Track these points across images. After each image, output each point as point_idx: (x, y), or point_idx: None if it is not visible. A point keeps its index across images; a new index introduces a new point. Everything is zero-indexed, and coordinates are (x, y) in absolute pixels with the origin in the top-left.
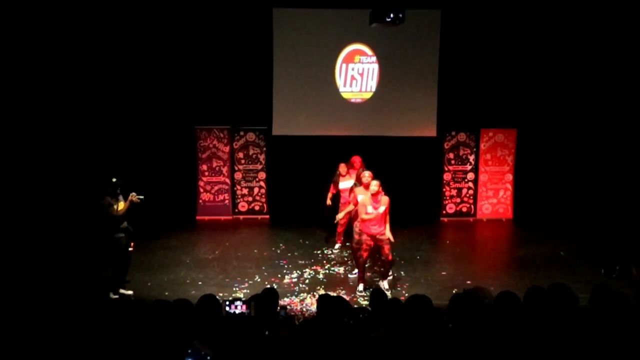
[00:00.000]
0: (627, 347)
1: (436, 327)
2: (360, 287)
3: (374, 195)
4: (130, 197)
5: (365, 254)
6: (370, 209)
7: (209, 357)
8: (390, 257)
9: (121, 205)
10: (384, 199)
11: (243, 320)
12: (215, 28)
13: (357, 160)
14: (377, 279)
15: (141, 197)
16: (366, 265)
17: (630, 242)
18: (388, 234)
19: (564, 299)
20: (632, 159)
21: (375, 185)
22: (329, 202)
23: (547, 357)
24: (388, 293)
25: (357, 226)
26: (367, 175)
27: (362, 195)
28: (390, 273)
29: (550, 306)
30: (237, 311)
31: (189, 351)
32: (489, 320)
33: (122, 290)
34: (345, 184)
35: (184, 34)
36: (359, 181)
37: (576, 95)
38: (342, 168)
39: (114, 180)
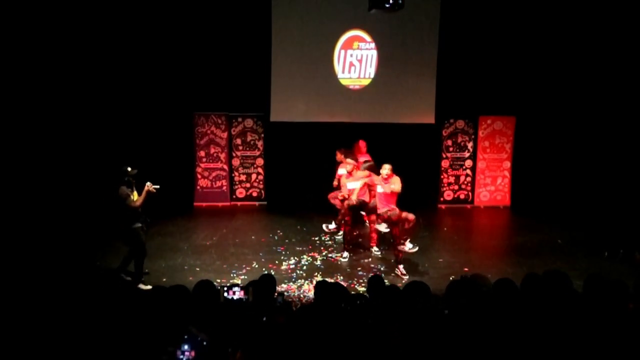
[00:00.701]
0: (621, 334)
1: (433, 314)
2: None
3: (385, 180)
4: (146, 188)
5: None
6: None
7: (205, 343)
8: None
9: (135, 196)
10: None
11: (241, 306)
12: (214, 14)
13: (363, 144)
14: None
15: (157, 186)
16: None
17: (634, 227)
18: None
19: (560, 286)
20: (631, 146)
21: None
22: (335, 183)
23: (544, 343)
24: (405, 278)
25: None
26: (387, 168)
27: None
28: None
29: (546, 293)
30: (235, 297)
31: (186, 337)
32: (486, 306)
33: (141, 286)
34: (340, 171)
35: (182, 21)
36: (372, 169)
37: (575, 83)
38: (338, 156)
39: (129, 169)
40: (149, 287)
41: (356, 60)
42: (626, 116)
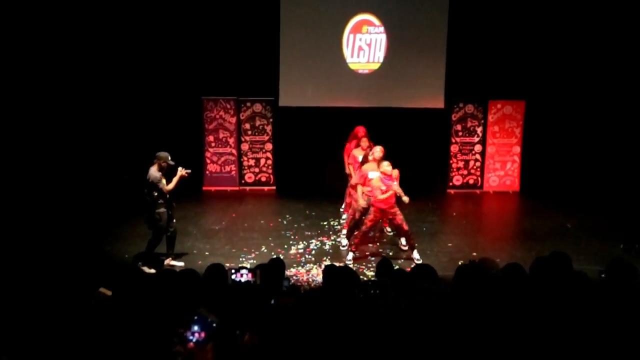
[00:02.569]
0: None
1: (441, 297)
2: (350, 256)
3: (387, 175)
4: (179, 173)
5: (370, 224)
6: (380, 191)
7: (214, 324)
8: (404, 227)
9: (165, 182)
10: (394, 173)
11: (249, 288)
12: None
13: (361, 130)
14: (390, 253)
15: (189, 170)
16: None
17: None
18: (399, 191)
19: (564, 267)
20: None
21: (387, 165)
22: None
23: (552, 327)
24: (419, 262)
25: (364, 196)
26: (378, 150)
27: (373, 174)
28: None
29: (553, 276)
30: (243, 279)
31: (195, 318)
32: (495, 291)
33: (172, 262)
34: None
35: (191, 5)
36: (366, 158)
37: (585, 67)
38: (364, 142)
39: (169, 158)
40: (153, 270)
41: (365, 44)
42: (638, 100)
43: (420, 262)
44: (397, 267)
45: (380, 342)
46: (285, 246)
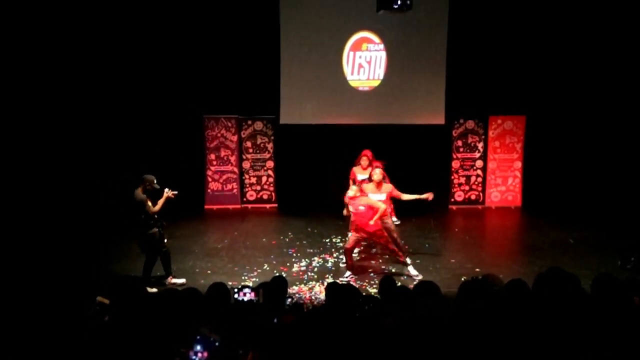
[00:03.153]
0: (631, 332)
1: (444, 314)
2: (347, 273)
3: (378, 185)
4: (165, 194)
5: (353, 243)
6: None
7: (217, 343)
8: (390, 246)
9: (151, 204)
10: (385, 187)
11: (251, 307)
12: (223, 16)
13: (367, 153)
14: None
15: (175, 192)
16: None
17: None
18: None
19: (568, 284)
20: None
21: (380, 176)
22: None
23: (555, 342)
24: (418, 279)
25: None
26: (377, 172)
27: (373, 196)
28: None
29: (556, 292)
30: (246, 298)
31: (198, 337)
32: (498, 307)
33: (174, 280)
34: (363, 176)
35: (192, 24)
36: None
37: (586, 82)
38: (364, 160)
39: (154, 181)
40: (155, 289)
41: (365, 61)
42: (639, 115)
43: (420, 277)
44: (399, 284)
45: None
46: (288, 264)
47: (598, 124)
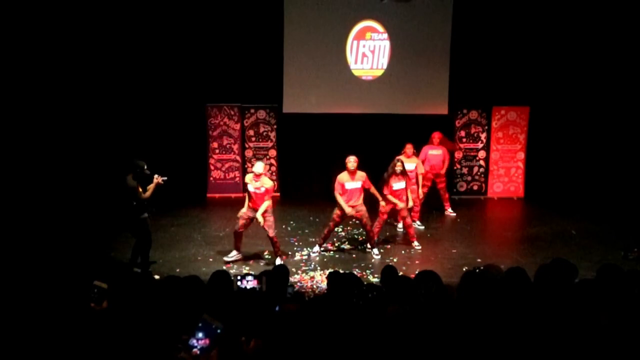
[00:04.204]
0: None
1: (445, 304)
2: (316, 248)
3: (352, 173)
4: (155, 180)
5: (332, 225)
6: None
7: (219, 330)
8: (368, 227)
9: (141, 190)
10: (359, 175)
11: (254, 295)
12: (226, 5)
13: (436, 135)
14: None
15: (165, 178)
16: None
17: None
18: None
19: (567, 273)
20: None
21: (354, 164)
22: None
23: (555, 333)
24: (377, 257)
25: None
26: (352, 161)
27: (350, 184)
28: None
29: (555, 281)
30: (249, 286)
31: (200, 325)
32: (498, 295)
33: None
34: (409, 165)
35: (195, 12)
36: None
37: (589, 73)
38: (409, 148)
39: (145, 167)
40: (157, 276)
41: (369, 50)
42: None
43: (379, 257)
44: (401, 273)
45: (385, 349)
46: (290, 253)
47: (601, 115)
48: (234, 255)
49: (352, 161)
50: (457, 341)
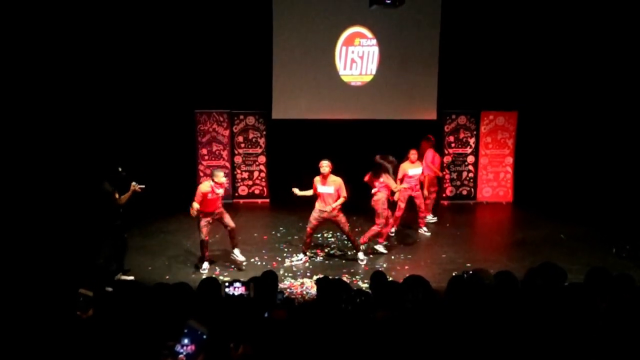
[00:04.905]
0: (623, 327)
1: (432, 308)
2: (300, 256)
3: (324, 177)
4: (132, 187)
5: (309, 230)
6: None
7: (204, 336)
8: (347, 232)
9: (118, 195)
10: (332, 180)
11: (242, 301)
12: (215, 11)
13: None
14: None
15: (142, 186)
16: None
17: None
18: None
19: (556, 277)
20: (634, 140)
21: (326, 168)
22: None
23: (543, 337)
24: (363, 263)
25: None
26: (324, 165)
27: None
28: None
29: (544, 285)
30: (236, 292)
31: (185, 331)
32: (487, 299)
33: (123, 277)
34: (414, 170)
35: (184, 18)
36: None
37: (577, 78)
38: (413, 154)
39: (120, 170)
40: (131, 277)
41: (357, 56)
42: (629, 111)
43: (364, 262)
44: (390, 278)
45: (374, 354)
46: (279, 258)
47: (589, 120)
48: (206, 266)
49: (323, 165)
50: (446, 346)
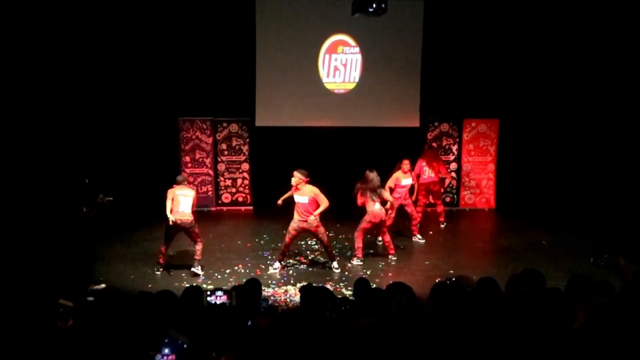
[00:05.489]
0: (604, 333)
1: (415, 314)
2: (276, 264)
3: (295, 187)
4: (98, 200)
5: (287, 240)
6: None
7: (185, 345)
8: (326, 243)
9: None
10: (306, 190)
11: (224, 310)
12: (198, 18)
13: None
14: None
15: (110, 198)
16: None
17: (618, 232)
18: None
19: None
20: (615, 148)
21: (294, 179)
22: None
23: (526, 340)
24: (337, 271)
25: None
26: (295, 175)
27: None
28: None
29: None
30: (219, 301)
31: (166, 340)
32: (469, 305)
33: (95, 287)
34: (407, 180)
35: (166, 26)
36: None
37: (558, 86)
38: (406, 164)
39: (87, 181)
40: (103, 285)
41: (341, 64)
42: (610, 118)
43: (339, 270)
44: (374, 285)
45: None
46: (263, 266)
47: (570, 127)
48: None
49: (294, 176)
50: (429, 352)
